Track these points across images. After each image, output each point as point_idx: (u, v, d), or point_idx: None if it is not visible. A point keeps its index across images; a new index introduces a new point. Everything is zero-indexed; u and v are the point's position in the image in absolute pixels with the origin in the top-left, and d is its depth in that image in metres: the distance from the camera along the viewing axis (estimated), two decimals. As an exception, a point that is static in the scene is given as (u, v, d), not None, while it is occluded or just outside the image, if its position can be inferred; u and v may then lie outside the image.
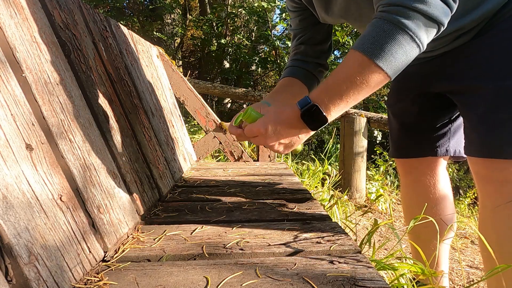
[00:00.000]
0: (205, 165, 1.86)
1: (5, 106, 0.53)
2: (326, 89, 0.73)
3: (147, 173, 1.05)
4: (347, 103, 0.71)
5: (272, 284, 0.56)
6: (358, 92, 0.69)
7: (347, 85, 0.69)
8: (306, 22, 1.08)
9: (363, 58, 0.67)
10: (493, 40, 0.83)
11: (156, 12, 6.11)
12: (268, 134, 0.75)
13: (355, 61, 0.69)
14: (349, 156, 3.00)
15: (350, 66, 0.70)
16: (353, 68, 0.69)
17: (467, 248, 2.23)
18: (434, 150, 1.10)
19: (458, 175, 4.55)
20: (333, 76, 0.72)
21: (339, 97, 0.71)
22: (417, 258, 1.15)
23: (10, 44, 0.59)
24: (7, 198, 0.48)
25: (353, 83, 0.69)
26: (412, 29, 0.65)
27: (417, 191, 1.16)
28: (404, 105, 1.12)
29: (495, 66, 0.82)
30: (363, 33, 0.71)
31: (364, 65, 0.67)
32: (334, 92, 0.71)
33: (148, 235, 0.79)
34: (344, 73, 0.70)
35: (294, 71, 1.08)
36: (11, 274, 0.45)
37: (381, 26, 0.67)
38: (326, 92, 0.72)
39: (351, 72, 0.69)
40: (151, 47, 1.78)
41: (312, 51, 1.09)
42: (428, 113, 1.08)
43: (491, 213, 0.86)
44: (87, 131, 0.76)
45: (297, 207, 1.01)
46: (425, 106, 1.07)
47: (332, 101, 0.71)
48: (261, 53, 6.24)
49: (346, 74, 0.70)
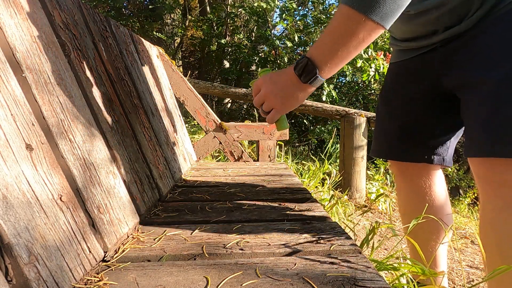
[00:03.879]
0: (205, 165, 1.86)
1: (5, 106, 0.53)
2: (318, 45, 0.76)
3: (147, 173, 1.05)
4: (342, 59, 0.73)
5: (272, 284, 0.56)
6: (346, 43, 0.71)
7: (335, 38, 0.72)
8: None
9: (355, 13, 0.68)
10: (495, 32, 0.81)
11: (156, 12, 6.10)
12: (267, 82, 0.82)
13: (347, 16, 0.70)
14: (349, 156, 2.99)
15: (342, 21, 0.71)
16: (345, 25, 0.70)
17: (467, 248, 2.23)
18: (431, 157, 1.07)
19: (458, 175, 4.56)
20: (325, 33, 0.75)
21: (332, 52, 0.73)
22: (415, 259, 1.15)
23: (10, 44, 0.59)
24: (7, 198, 0.48)
25: (341, 36, 0.71)
26: None
27: (412, 192, 1.15)
28: (407, 105, 1.08)
29: (496, 61, 0.80)
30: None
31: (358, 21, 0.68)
32: (325, 46, 0.74)
33: (148, 235, 0.79)
34: (336, 29, 0.72)
35: None
36: (11, 274, 0.45)
37: None
38: (317, 47, 0.75)
39: (343, 28, 0.71)
40: (151, 47, 1.78)
41: None
42: (432, 117, 1.04)
43: (491, 214, 0.85)
44: (87, 131, 0.76)
45: (297, 207, 1.01)
46: (429, 108, 1.03)
47: (323, 55, 0.74)
48: (261, 53, 6.24)
49: (339, 29, 0.71)
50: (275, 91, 0.82)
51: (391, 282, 0.97)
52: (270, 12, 5.76)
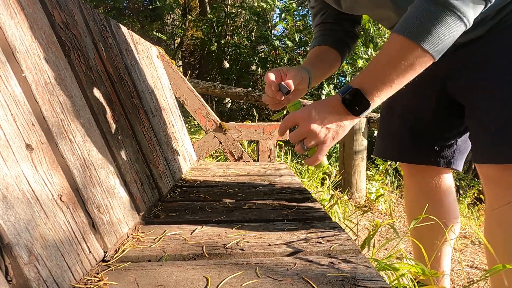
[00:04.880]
0: (205, 165, 1.86)
1: (5, 106, 0.53)
2: (367, 74, 0.71)
3: (147, 173, 1.05)
4: (391, 88, 0.70)
5: (272, 284, 0.56)
6: (402, 75, 0.68)
7: (390, 69, 0.68)
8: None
9: (407, 42, 0.65)
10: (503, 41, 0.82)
11: (156, 12, 6.10)
12: (312, 117, 0.73)
13: (399, 45, 0.67)
14: (349, 156, 3.00)
15: (394, 50, 0.68)
16: (396, 52, 0.67)
17: (467, 248, 2.23)
18: (437, 160, 1.07)
19: (458, 175, 4.56)
20: (375, 61, 0.71)
21: (382, 81, 0.69)
22: (418, 259, 1.15)
23: (10, 44, 0.59)
24: (7, 198, 0.48)
25: (397, 67, 0.67)
26: (461, 9, 0.63)
27: (421, 193, 1.15)
28: (417, 108, 1.07)
29: (505, 67, 0.81)
30: (404, 15, 0.69)
31: (409, 49, 0.66)
32: (376, 76, 0.70)
33: (148, 235, 0.79)
34: (387, 57, 0.69)
35: (324, 39, 1.03)
36: (11, 274, 0.45)
37: (426, 7, 0.64)
38: (367, 77, 0.71)
39: (394, 56, 0.67)
40: (151, 47, 1.78)
41: (339, 20, 1.04)
42: (438, 120, 1.04)
43: (498, 213, 0.86)
44: (87, 131, 0.76)
45: (297, 207, 1.01)
46: (440, 112, 1.03)
47: (375, 86, 0.70)
48: (261, 53, 6.24)
49: (389, 58, 0.68)
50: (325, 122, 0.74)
51: (392, 282, 0.97)
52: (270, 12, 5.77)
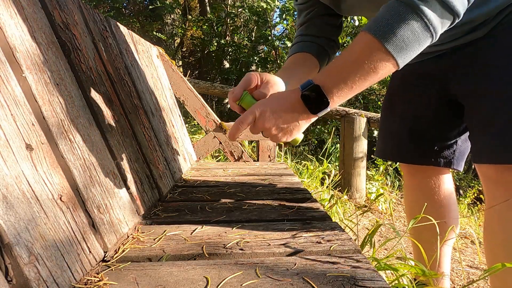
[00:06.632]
0: (205, 165, 1.86)
1: (5, 106, 0.53)
2: (330, 71, 0.69)
3: (147, 173, 1.05)
4: (351, 89, 0.67)
5: (272, 284, 0.56)
6: (364, 78, 0.66)
7: (353, 68, 0.66)
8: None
9: (373, 40, 0.64)
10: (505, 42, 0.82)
11: (156, 12, 6.10)
12: (267, 117, 0.70)
13: (364, 43, 0.65)
14: (349, 156, 3.00)
15: (358, 47, 0.66)
16: (361, 50, 0.65)
17: (467, 248, 2.23)
18: (437, 160, 1.07)
19: (458, 175, 4.56)
20: (339, 59, 0.69)
21: (343, 81, 0.67)
22: (418, 259, 1.15)
23: (10, 44, 0.59)
24: (7, 198, 0.48)
25: (360, 67, 0.65)
26: (428, 16, 0.62)
27: (421, 193, 1.15)
28: (418, 108, 1.07)
29: (505, 68, 0.81)
30: (376, 14, 0.67)
31: (373, 48, 0.64)
32: (339, 75, 0.67)
33: (148, 235, 0.79)
34: (351, 55, 0.67)
35: (305, 46, 0.99)
36: (11, 274, 0.45)
37: (396, 8, 0.63)
38: (330, 74, 0.69)
39: (358, 54, 0.65)
40: (151, 47, 1.78)
41: (323, 25, 1.01)
42: (439, 121, 1.04)
43: (498, 213, 0.86)
44: (87, 131, 0.76)
45: (297, 207, 1.01)
46: (440, 112, 1.03)
47: (336, 85, 0.67)
48: (261, 53, 6.24)
49: (353, 56, 0.66)
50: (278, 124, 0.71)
51: (391, 282, 0.97)
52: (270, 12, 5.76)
